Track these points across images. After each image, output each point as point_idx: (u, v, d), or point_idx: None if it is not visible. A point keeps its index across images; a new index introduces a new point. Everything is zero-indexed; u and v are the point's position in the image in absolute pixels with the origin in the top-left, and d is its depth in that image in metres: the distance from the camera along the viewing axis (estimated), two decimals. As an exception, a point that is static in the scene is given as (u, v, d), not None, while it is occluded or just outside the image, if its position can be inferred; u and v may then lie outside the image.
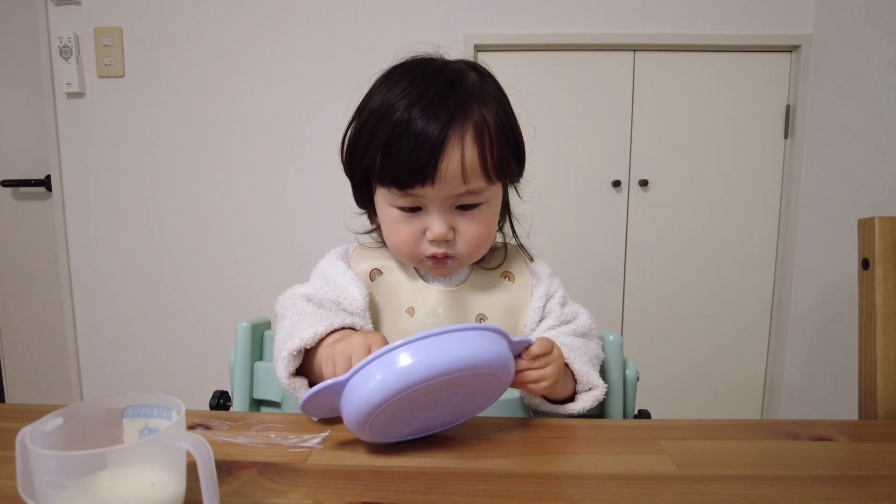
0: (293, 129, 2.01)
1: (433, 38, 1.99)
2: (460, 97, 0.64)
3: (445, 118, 0.63)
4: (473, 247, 0.69)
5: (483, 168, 0.65)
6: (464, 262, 0.72)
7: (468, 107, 0.64)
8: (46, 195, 2.12)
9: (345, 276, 0.73)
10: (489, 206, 0.69)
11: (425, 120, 0.62)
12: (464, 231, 0.68)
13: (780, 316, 2.04)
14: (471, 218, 0.68)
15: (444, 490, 0.46)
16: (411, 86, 0.65)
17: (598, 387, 0.66)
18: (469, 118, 0.64)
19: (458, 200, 0.66)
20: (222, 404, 0.81)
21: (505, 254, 0.78)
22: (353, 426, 0.50)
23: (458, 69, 0.68)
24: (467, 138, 0.63)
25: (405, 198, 0.66)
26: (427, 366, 0.47)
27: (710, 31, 1.93)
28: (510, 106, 0.71)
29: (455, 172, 0.63)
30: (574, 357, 0.65)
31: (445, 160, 0.63)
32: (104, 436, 0.42)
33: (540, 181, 1.97)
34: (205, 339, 2.11)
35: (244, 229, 2.06)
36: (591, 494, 0.46)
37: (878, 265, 0.73)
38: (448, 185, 0.64)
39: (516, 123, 0.71)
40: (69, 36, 1.96)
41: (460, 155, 0.63)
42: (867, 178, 1.69)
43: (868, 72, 1.70)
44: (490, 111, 0.66)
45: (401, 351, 0.48)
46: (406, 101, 0.63)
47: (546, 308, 0.76)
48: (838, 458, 0.54)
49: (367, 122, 0.66)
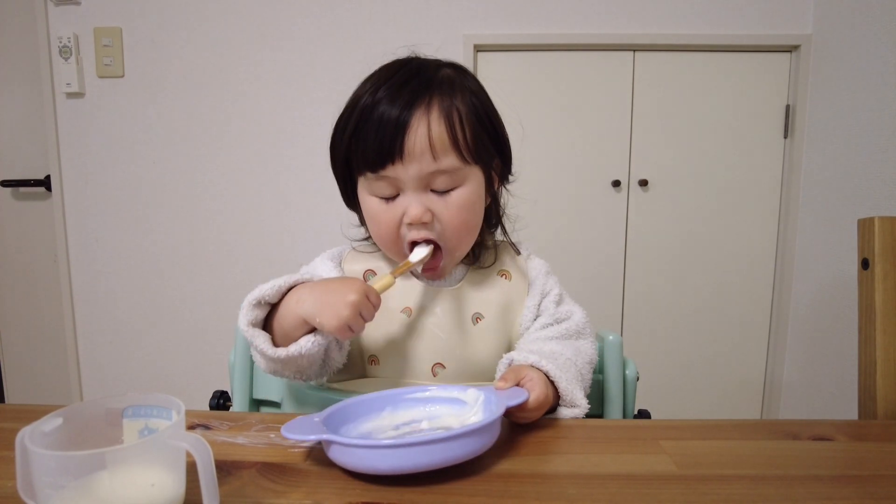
0: (293, 129, 2.01)
1: (433, 38, 2.01)
2: (426, 79, 0.66)
3: (408, 96, 0.64)
4: (454, 230, 0.68)
5: (454, 145, 0.65)
6: (450, 251, 0.70)
7: (433, 88, 0.65)
8: (46, 195, 2.12)
9: (331, 275, 0.73)
10: (467, 189, 0.68)
11: (389, 101, 0.64)
12: (442, 214, 0.67)
13: (780, 316, 2.04)
14: (448, 201, 0.67)
15: (444, 490, 0.46)
16: (381, 77, 0.68)
17: (579, 406, 0.64)
18: (434, 97, 0.65)
19: (433, 181, 0.66)
20: (222, 404, 0.81)
21: (496, 252, 0.78)
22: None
23: (433, 63, 0.70)
24: (433, 115, 0.64)
25: (380, 182, 0.67)
26: (413, 465, 0.47)
27: (710, 31, 1.93)
28: (488, 99, 0.71)
29: (423, 148, 0.64)
30: (560, 374, 0.63)
31: (411, 136, 0.64)
32: (104, 436, 0.42)
33: (540, 181, 2.00)
34: (205, 339, 2.11)
35: (244, 229, 2.06)
36: (591, 494, 0.46)
37: (877, 265, 0.73)
38: (417, 161, 0.64)
39: (495, 114, 0.71)
40: (69, 36, 1.96)
41: (426, 130, 0.64)
42: (867, 178, 1.69)
43: (868, 72, 1.70)
44: (461, 97, 0.67)
45: (388, 450, 0.47)
46: (373, 89, 0.66)
47: (541, 306, 0.75)
48: (838, 458, 0.54)
49: (340, 117, 0.69)
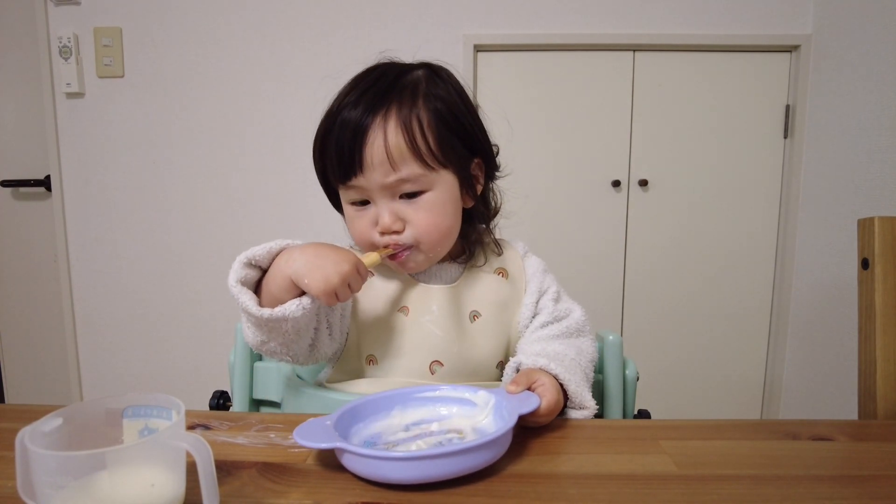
0: (292, 129, 2.01)
1: (433, 38, 2.01)
2: (384, 87, 0.66)
3: (364, 106, 0.65)
4: (426, 234, 0.68)
5: (414, 153, 0.65)
6: (428, 253, 0.70)
7: (392, 96, 0.65)
8: (46, 195, 2.12)
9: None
10: (435, 194, 0.67)
11: (349, 110, 0.65)
12: (412, 219, 0.67)
13: (780, 316, 2.04)
14: (417, 206, 0.67)
15: (444, 490, 0.46)
16: (349, 84, 0.68)
17: (588, 408, 0.64)
18: (392, 106, 0.65)
19: (399, 188, 0.66)
20: (222, 404, 0.81)
21: (497, 249, 0.78)
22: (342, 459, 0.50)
23: (401, 67, 0.70)
24: (390, 125, 0.64)
25: (350, 191, 0.68)
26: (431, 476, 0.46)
27: (710, 31, 1.93)
28: (462, 101, 0.71)
29: (381, 159, 0.64)
30: (568, 377, 0.63)
31: (368, 147, 0.64)
32: (104, 436, 0.42)
33: (540, 181, 2.00)
34: (205, 340, 2.11)
35: (244, 229, 2.06)
36: (591, 494, 0.46)
37: (877, 265, 0.73)
38: (377, 172, 0.65)
39: (467, 115, 0.71)
40: (69, 36, 1.96)
41: (383, 141, 0.64)
42: (867, 178, 1.69)
43: (868, 72, 1.70)
44: (423, 102, 0.66)
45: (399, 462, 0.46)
46: (337, 100, 0.67)
47: (539, 304, 0.75)
48: (838, 458, 0.54)
49: (318, 128, 0.70)
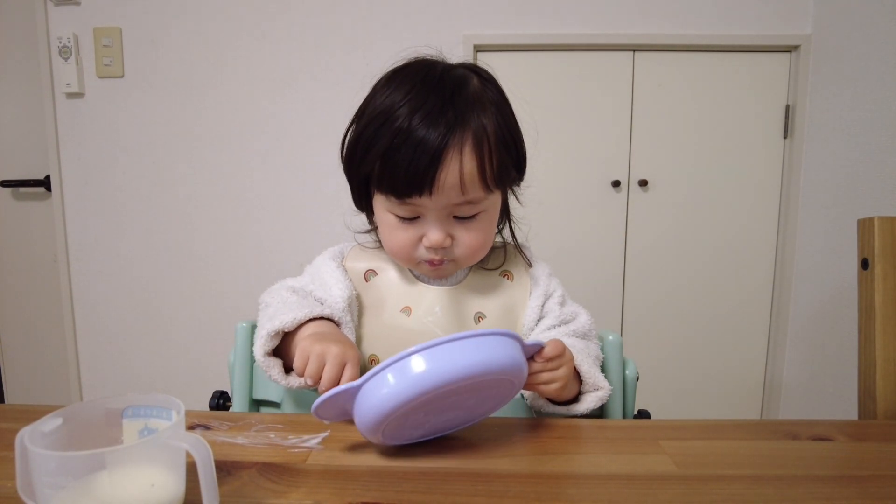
0: (292, 129, 2.01)
1: (433, 38, 2.01)
2: (460, 106, 0.64)
3: (444, 128, 0.62)
4: (471, 253, 0.70)
5: (482, 178, 0.65)
6: (461, 265, 0.72)
7: (467, 116, 0.64)
8: (46, 195, 2.12)
9: (333, 276, 0.73)
10: (487, 214, 0.69)
11: (425, 129, 0.62)
12: (461, 238, 0.68)
13: (780, 316, 2.04)
14: (469, 226, 0.68)
15: (444, 490, 0.46)
16: (412, 93, 0.64)
17: (603, 388, 0.66)
18: (468, 128, 0.63)
19: (456, 210, 0.67)
20: (222, 404, 0.81)
21: (504, 254, 0.78)
22: (365, 431, 0.50)
23: (460, 75, 0.68)
24: (466, 149, 0.63)
25: (403, 206, 0.66)
26: (441, 372, 0.47)
27: (710, 32, 1.93)
28: (512, 112, 0.71)
29: (453, 183, 0.63)
30: (580, 358, 0.65)
31: (444, 171, 0.62)
32: (104, 436, 0.42)
33: (540, 182, 1.98)
34: (205, 340, 2.10)
35: (243, 229, 2.06)
36: (591, 494, 0.46)
37: (877, 265, 0.73)
38: (446, 195, 0.64)
39: (517, 130, 0.71)
40: (68, 36, 1.95)
41: (459, 166, 0.63)
42: (867, 178, 1.69)
43: (868, 72, 1.70)
44: (490, 119, 0.65)
45: (415, 357, 0.48)
46: (406, 109, 0.63)
47: (545, 308, 0.75)
48: (838, 458, 0.54)
49: (367, 127, 0.66)
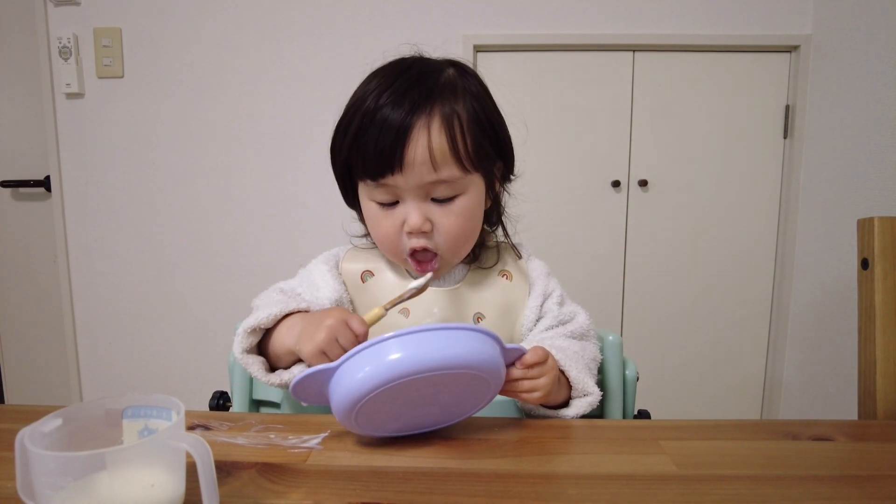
0: (292, 129, 2.01)
1: (433, 38, 2.01)
2: (427, 86, 0.65)
3: (409, 106, 0.63)
4: (453, 240, 0.68)
5: (454, 155, 0.65)
6: (448, 259, 0.70)
7: (435, 95, 0.65)
8: (46, 196, 2.12)
9: (323, 279, 0.73)
10: (467, 198, 0.68)
11: (390, 108, 0.63)
12: (441, 223, 0.67)
13: (780, 316, 2.04)
14: (448, 210, 0.67)
15: (444, 490, 0.46)
16: (384, 80, 0.66)
17: (592, 393, 0.65)
18: (436, 106, 0.64)
19: (433, 191, 0.66)
20: (222, 405, 0.81)
21: (498, 253, 0.78)
22: (338, 415, 0.51)
23: (435, 65, 0.69)
24: (434, 125, 0.64)
25: (380, 189, 0.66)
26: (414, 360, 0.48)
27: (710, 32, 1.93)
28: (493, 103, 0.71)
29: (423, 159, 0.63)
30: (570, 364, 0.64)
31: (411, 146, 0.63)
32: (104, 436, 0.42)
33: (539, 181, 2.00)
34: (205, 340, 2.10)
35: (244, 229, 2.06)
36: (591, 494, 0.46)
37: (877, 265, 0.73)
38: (417, 172, 0.64)
39: (497, 117, 0.71)
40: (68, 36, 1.96)
41: (427, 140, 0.63)
42: (867, 178, 1.69)
43: (867, 72, 1.70)
44: (462, 102, 0.66)
45: (390, 343, 0.49)
46: (376, 93, 0.65)
47: (543, 307, 0.75)
48: (838, 458, 0.54)
49: (343, 116, 0.68)
